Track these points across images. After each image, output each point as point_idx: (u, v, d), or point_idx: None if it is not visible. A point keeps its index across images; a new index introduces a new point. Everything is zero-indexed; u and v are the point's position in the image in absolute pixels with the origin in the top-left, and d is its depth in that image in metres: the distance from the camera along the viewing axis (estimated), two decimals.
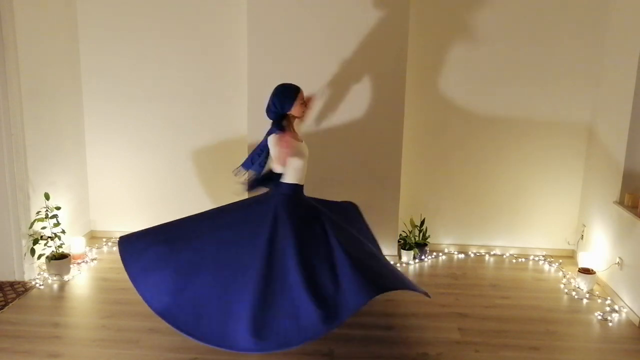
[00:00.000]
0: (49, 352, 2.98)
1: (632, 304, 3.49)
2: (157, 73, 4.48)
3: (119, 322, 3.33)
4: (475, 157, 4.45)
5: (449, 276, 4.12)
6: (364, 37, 4.02)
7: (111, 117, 4.59)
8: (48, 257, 3.93)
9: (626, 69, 3.70)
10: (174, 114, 4.54)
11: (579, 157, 4.36)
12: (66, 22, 4.33)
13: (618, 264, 3.70)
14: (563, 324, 3.41)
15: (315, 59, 4.06)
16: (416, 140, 4.42)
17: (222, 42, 4.40)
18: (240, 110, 4.40)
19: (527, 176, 4.43)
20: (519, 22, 4.18)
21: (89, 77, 4.53)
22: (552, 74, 4.24)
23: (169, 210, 4.66)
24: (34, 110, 3.89)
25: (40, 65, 3.98)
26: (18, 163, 3.73)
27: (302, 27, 4.03)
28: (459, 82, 4.32)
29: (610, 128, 3.95)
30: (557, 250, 4.54)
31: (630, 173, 3.71)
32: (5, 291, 3.68)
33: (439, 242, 4.63)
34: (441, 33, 4.26)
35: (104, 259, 4.34)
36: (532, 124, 4.33)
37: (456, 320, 3.41)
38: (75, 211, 4.51)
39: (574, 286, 3.95)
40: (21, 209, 3.78)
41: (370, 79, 4.07)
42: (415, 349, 3.07)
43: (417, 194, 4.53)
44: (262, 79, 4.07)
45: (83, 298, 3.70)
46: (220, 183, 4.62)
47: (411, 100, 4.27)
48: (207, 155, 4.59)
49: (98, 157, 4.67)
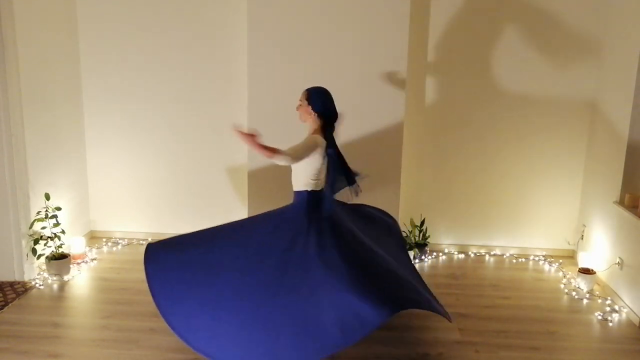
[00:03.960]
0: (49, 352, 2.98)
1: (632, 304, 3.49)
2: (157, 73, 4.48)
3: (119, 322, 3.32)
4: (475, 157, 4.45)
5: (449, 276, 4.12)
6: (364, 37, 4.02)
7: (111, 117, 4.59)
8: (48, 257, 3.93)
9: (627, 67, 3.70)
10: (174, 114, 4.54)
11: (579, 157, 4.36)
12: (66, 22, 4.33)
13: (618, 264, 3.70)
14: (563, 324, 3.41)
15: (315, 59, 4.06)
16: (416, 140, 4.42)
17: (222, 42, 4.40)
18: (240, 110, 4.39)
19: (527, 176, 4.43)
20: (519, 22, 4.18)
21: (89, 77, 4.53)
22: (552, 73, 4.23)
23: (168, 210, 4.68)
24: (34, 110, 3.89)
25: (40, 65, 3.98)
26: (18, 163, 3.73)
27: (302, 27, 4.03)
28: (459, 82, 4.32)
29: (611, 128, 3.95)
30: (557, 250, 4.53)
31: (630, 173, 3.71)
32: (5, 291, 3.68)
33: (439, 242, 4.63)
34: (441, 33, 4.26)
35: (104, 259, 4.34)
36: (532, 124, 4.33)
37: (456, 320, 3.41)
38: (75, 211, 4.51)
39: (574, 286, 3.95)
40: (21, 209, 3.78)
41: (370, 79, 4.07)
42: (415, 349, 3.07)
43: (417, 194, 4.53)
44: (262, 79, 4.08)
45: (83, 298, 3.70)
46: (220, 183, 4.62)
47: (411, 101, 4.27)
48: (207, 155, 4.59)
49: (98, 157, 4.67)
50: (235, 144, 4.47)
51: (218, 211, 4.58)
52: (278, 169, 3.20)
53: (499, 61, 4.26)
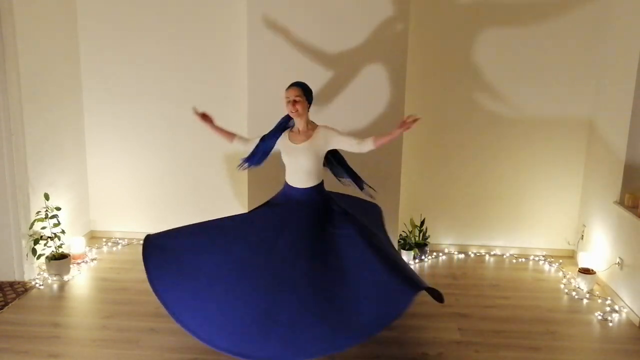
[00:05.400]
0: (49, 352, 2.98)
1: (632, 304, 3.49)
2: (157, 73, 4.48)
3: (119, 322, 3.32)
4: (475, 157, 4.45)
5: (449, 276, 4.12)
6: (364, 37, 4.02)
7: (111, 117, 4.59)
8: (48, 257, 3.93)
9: (626, 68, 3.70)
10: (173, 114, 4.53)
11: (579, 157, 4.36)
12: (66, 22, 4.33)
13: (618, 264, 3.70)
14: (563, 324, 3.41)
15: (315, 59, 4.06)
16: (416, 140, 4.42)
17: (222, 42, 4.40)
18: (240, 110, 4.39)
19: (527, 176, 4.43)
20: (519, 22, 4.18)
21: (89, 77, 4.53)
22: (552, 74, 4.23)
23: (168, 210, 4.68)
24: (34, 110, 3.89)
25: (40, 65, 3.98)
26: (18, 163, 3.73)
27: (302, 27, 4.03)
28: (459, 82, 4.32)
29: (611, 128, 3.95)
30: (557, 250, 4.53)
31: (630, 173, 3.71)
32: (5, 291, 3.68)
33: (439, 242, 4.63)
34: (441, 33, 4.26)
35: (103, 259, 4.34)
36: (532, 124, 4.33)
37: (456, 320, 3.41)
38: (75, 211, 4.51)
39: (574, 286, 3.95)
40: (21, 209, 3.78)
41: (370, 78, 4.06)
42: (415, 349, 3.07)
43: (417, 194, 4.53)
44: (262, 79, 4.08)
45: (83, 298, 3.70)
46: (220, 183, 4.62)
47: (411, 100, 4.27)
48: (207, 154, 4.59)
49: (98, 157, 4.67)
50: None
51: (218, 211, 4.52)
52: (278, 169, 3.19)
53: (499, 60, 4.26)
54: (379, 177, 4.19)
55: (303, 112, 3.01)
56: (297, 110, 2.99)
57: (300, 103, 2.98)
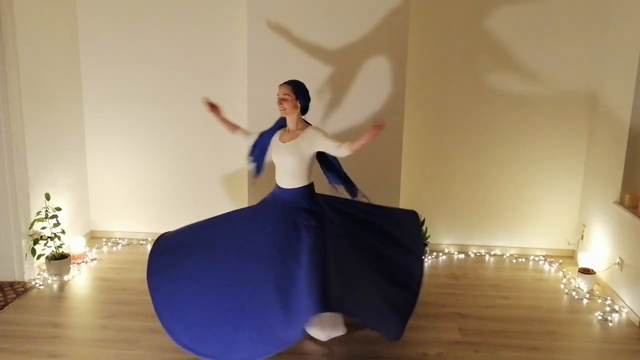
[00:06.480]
0: (48, 352, 2.98)
1: (632, 304, 3.49)
2: (157, 73, 4.48)
3: (119, 322, 3.32)
4: (475, 157, 4.44)
5: (449, 276, 4.12)
6: (364, 37, 4.02)
7: (111, 117, 4.59)
8: (48, 257, 3.93)
9: (628, 62, 3.70)
10: (173, 114, 4.53)
11: (579, 157, 4.36)
12: (66, 22, 4.33)
13: (618, 264, 3.70)
14: (563, 324, 3.41)
15: (315, 59, 4.06)
16: (416, 140, 4.42)
17: (222, 42, 4.40)
18: (240, 110, 4.39)
19: (527, 176, 4.43)
20: (519, 22, 4.18)
21: (89, 77, 4.53)
22: (552, 71, 4.23)
23: (169, 210, 4.68)
24: (34, 111, 3.89)
25: (40, 65, 3.98)
26: (18, 163, 3.73)
27: (302, 27, 4.03)
28: (459, 82, 4.32)
29: (611, 128, 3.95)
30: (557, 251, 4.53)
31: (630, 173, 3.71)
32: (5, 291, 3.68)
33: (439, 242, 4.62)
34: (441, 33, 4.26)
35: (103, 259, 4.34)
36: (532, 124, 4.33)
37: (456, 320, 3.41)
38: (75, 211, 4.51)
39: (574, 286, 3.95)
40: (21, 209, 3.78)
41: (370, 78, 4.06)
42: (415, 349, 3.07)
43: (417, 194, 4.53)
44: (262, 79, 4.07)
45: (83, 298, 3.70)
46: (220, 183, 4.62)
47: (411, 100, 4.27)
48: (207, 154, 4.59)
49: (98, 157, 4.67)
50: (235, 144, 4.46)
51: (218, 211, 4.54)
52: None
53: (499, 59, 4.25)
54: (379, 177, 4.19)
55: (291, 110, 2.99)
56: (285, 108, 2.98)
57: (288, 101, 2.96)
